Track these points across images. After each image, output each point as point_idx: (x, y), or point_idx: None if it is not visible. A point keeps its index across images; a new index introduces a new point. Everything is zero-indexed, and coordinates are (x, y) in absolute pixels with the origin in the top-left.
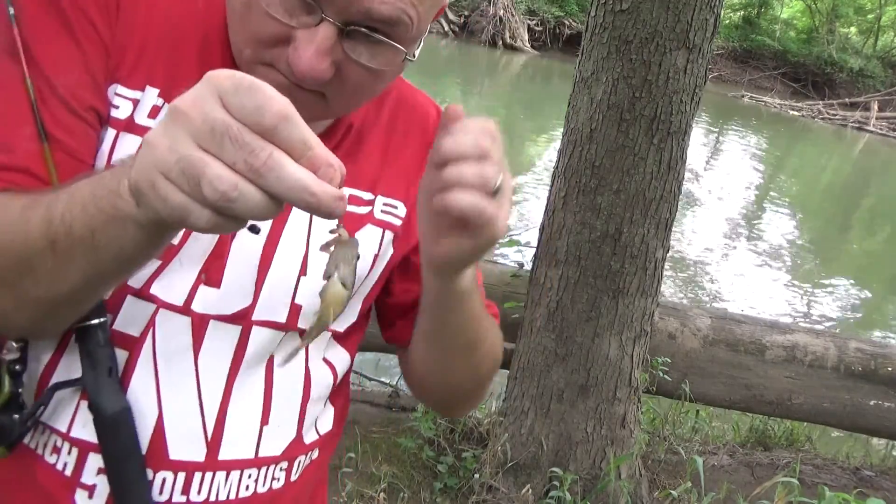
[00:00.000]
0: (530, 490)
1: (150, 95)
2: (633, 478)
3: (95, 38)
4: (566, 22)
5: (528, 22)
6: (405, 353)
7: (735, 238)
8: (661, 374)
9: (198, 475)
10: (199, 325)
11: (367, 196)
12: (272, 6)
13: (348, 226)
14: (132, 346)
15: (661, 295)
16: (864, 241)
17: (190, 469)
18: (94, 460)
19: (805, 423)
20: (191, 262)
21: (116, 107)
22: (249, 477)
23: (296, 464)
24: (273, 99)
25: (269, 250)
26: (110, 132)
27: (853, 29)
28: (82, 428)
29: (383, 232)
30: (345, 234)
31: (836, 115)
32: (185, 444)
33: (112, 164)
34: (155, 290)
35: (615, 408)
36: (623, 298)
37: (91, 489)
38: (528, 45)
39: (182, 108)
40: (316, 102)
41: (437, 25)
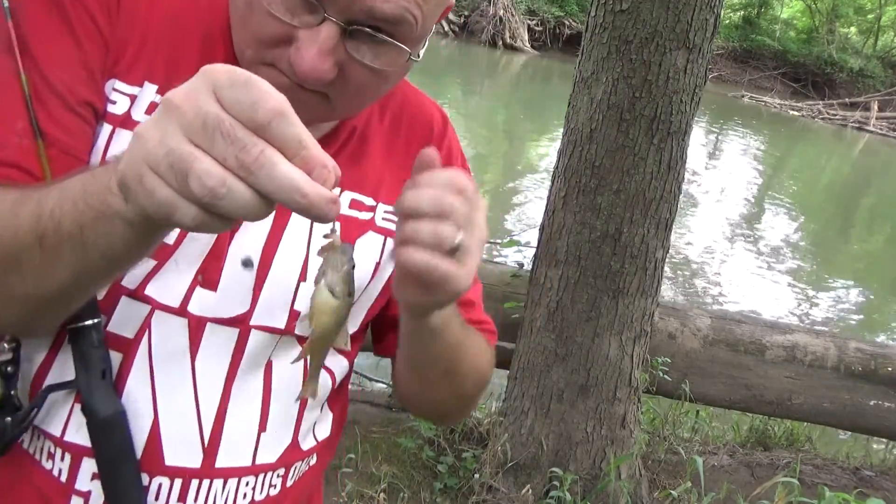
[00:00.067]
0: (530, 490)
1: (149, 92)
2: (633, 478)
3: (94, 33)
4: (566, 22)
5: (528, 22)
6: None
7: (735, 238)
8: (661, 374)
9: (194, 482)
10: (196, 328)
11: (370, 202)
12: (274, 5)
13: (351, 231)
14: (127, 347)
15: (661, 295)
16: (864, 242)
17: (186, 475)
18: (89, 465)
19: (805, 424)
20: (187, 262)
21: (114, 102)
22: (247, 485)
23: (293, 470)
24: (268, 94)
25: (269, 253)
26: (106, 128)
27: (853, 29)
28: (76, 432)
29: (385, 240)
30: (338, 239)
31: (836, 115)
32: (182, 449)
33: (106, 160)
34: (150, 290)
35: (615, 408)
36: (623, 298)
37: (86, 496)
38: (528, 45)
39: (175, 100)
40: (319, 103)
41: (437, 25)
